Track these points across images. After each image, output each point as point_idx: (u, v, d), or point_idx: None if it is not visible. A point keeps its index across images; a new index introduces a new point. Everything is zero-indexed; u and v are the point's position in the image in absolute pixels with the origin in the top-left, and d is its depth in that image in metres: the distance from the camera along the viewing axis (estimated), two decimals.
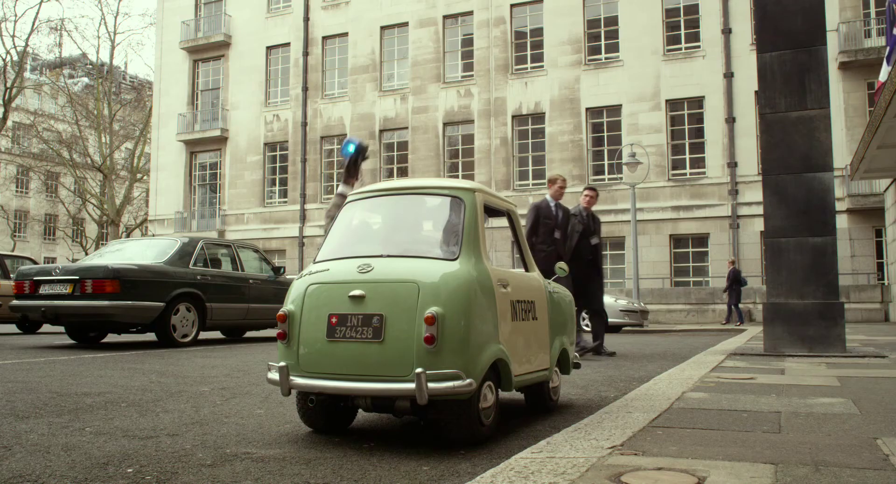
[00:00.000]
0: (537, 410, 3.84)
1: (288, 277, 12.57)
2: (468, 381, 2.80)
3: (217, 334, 11.48)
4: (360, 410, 3.28)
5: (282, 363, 3.02)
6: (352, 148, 4.13)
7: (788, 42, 6.74)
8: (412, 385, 2.75)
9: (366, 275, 3.00)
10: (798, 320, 6.44)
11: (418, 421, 3.49)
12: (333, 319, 2.97)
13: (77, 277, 8.13)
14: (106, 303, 7.98)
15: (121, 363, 6.44)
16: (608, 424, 2.80)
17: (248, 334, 11.96)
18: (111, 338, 10.03)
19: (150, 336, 9.67)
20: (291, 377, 3.01)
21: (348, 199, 3.54)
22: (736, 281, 19.12)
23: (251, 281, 10.01)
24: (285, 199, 29.80)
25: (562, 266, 4.46)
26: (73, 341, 9.37)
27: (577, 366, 4.23)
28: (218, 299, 9.29)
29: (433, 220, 3.37)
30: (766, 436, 2.52)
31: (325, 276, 3.13)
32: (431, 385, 2.74)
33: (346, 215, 3.47)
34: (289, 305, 3.12)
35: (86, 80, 55.70)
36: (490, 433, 3.05)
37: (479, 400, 2.95)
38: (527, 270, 3.80)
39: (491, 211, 3.56)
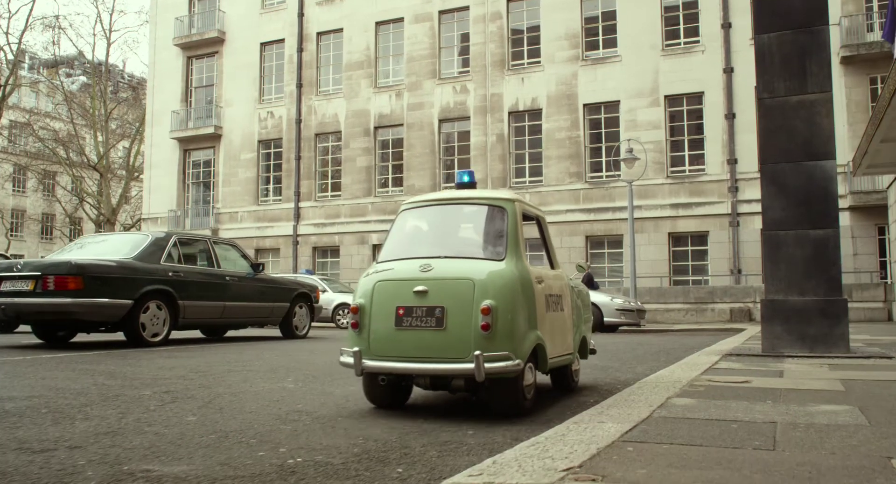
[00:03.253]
0: (561, 390, 4.45)
1: (273, 275, 12.15)
2: (517, 361, 3.32)
3: (197, 333, 11.07)
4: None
5: (355, 348, 3.49)
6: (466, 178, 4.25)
7: (788, 22, 6.31)
8: (471, 365, 3.24)
9: (427, 273, 3.47)
10: (798, 318, 6.02)
11: (470, 398, 4.02)
12: (401, 311, 3.44)
13: (39, 274, 7.71)
14: (69, 300, 7.55)
15: (75, 364, 6.02)
16: (572, 437, 2.38)
17: (230, 333, 11.54)
18: (81, 337, 9.62)
19: (122, 336, 9.26)
20: (364, 360, 3.46)
21: (403, 207, 3.98)
22: (589, 285, 17.92)
23: (228, 278, 9.59)
24: (279, 198, 29.36)
25: (581, 264, 5.11)
26: (40, 341, 8.97)
27: (593, 352, 4.87)
28: (192, 297, 8.86)
29: (481, 227, 3.79)
30: (757, 454, 2.10)
31: (390, 274, 3.58)
32: (487, 365, 3.24)
33: (401, 222, 3.95)
34: (359, 299, 3.58)
35: (83, 78, 55.29)
36: (530, 407, 3.58)
37: (522, 379, 3.45)
38: (552, 268, 4.26)
39: (525, 217, 3.94)
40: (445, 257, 3.57)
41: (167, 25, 32.38)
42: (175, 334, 10.70)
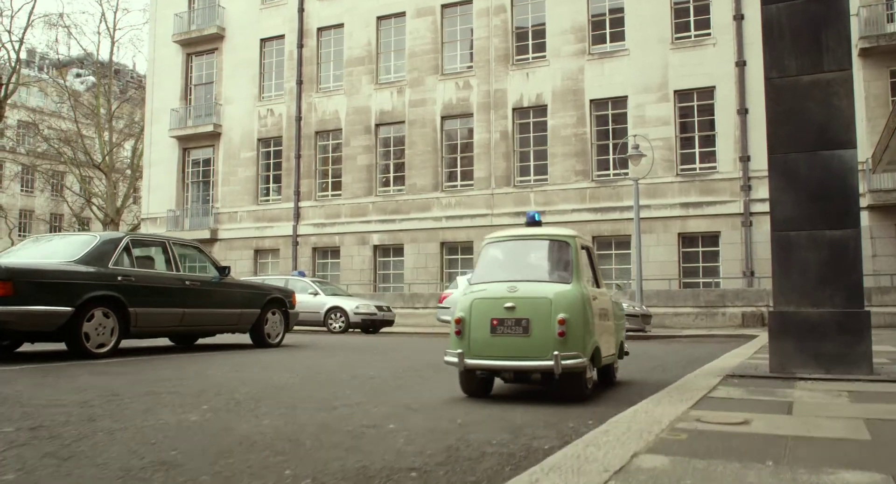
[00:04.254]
0: (605, 384, 5.53)
1: (244, 279, 11.41)
2: (583, 359, 4.50)
3: (164, 342, 10.31)
4: None
5: (458, 350, 4.60)
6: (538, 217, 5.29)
7: None
8: (550, 362, 4.39)
9: (514, 293, 4.58)
10: (812, 334, 5.15)
11: (543, 389, 4.97)
12: (494, 322, 4.55)
13: None
14: None
15: None
16: None
17: (201, 341, 10.76)
18: (27, 347, 8.87)
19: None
20: (465, 359, 4.57)
21: (486, 242, 5.12)
22: None
23: (188, 282, 8.82)
24: (279, 197, 28.66)
25: (619, 284, 6.20)
26: None
27: (627, 353, 6.10)
28: (145, 303, 8.10)
29: (552, 257, 4.90)
30: None
31: (484, 293, 4.68)
32: (563, 362, 4.38)
33: (486, 253, 5.07)
34: (459, 313, 4.68)
35: (92, 78, 54.89)
36: (590, 395, 4.70)
37: (585, 373, 4.59)
38: (598, 287, 5.33)
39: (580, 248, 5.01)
40: (526, 281, 4.68)
41: (167, 22, 31.78)
42: (139, 343, 9.97)
